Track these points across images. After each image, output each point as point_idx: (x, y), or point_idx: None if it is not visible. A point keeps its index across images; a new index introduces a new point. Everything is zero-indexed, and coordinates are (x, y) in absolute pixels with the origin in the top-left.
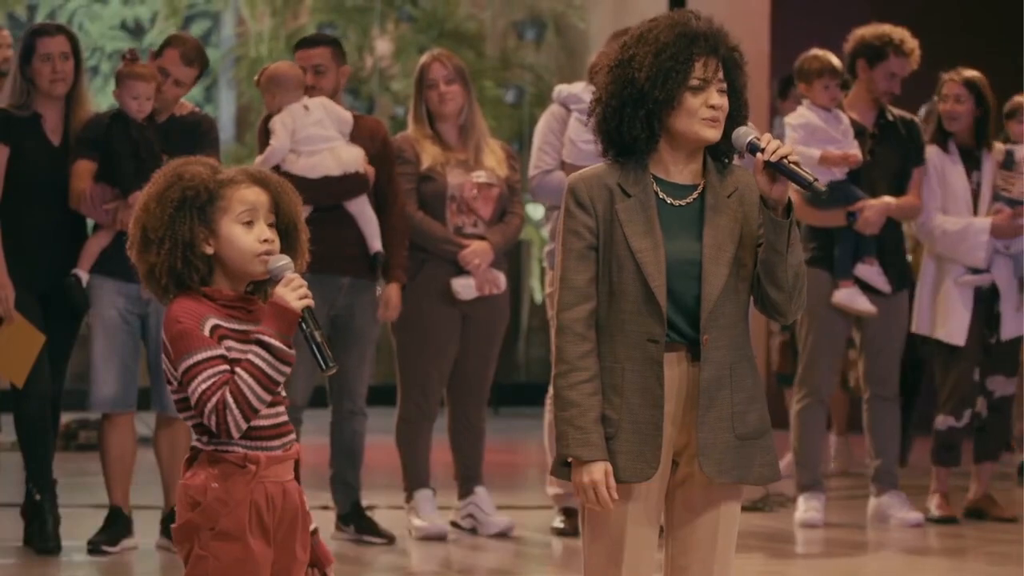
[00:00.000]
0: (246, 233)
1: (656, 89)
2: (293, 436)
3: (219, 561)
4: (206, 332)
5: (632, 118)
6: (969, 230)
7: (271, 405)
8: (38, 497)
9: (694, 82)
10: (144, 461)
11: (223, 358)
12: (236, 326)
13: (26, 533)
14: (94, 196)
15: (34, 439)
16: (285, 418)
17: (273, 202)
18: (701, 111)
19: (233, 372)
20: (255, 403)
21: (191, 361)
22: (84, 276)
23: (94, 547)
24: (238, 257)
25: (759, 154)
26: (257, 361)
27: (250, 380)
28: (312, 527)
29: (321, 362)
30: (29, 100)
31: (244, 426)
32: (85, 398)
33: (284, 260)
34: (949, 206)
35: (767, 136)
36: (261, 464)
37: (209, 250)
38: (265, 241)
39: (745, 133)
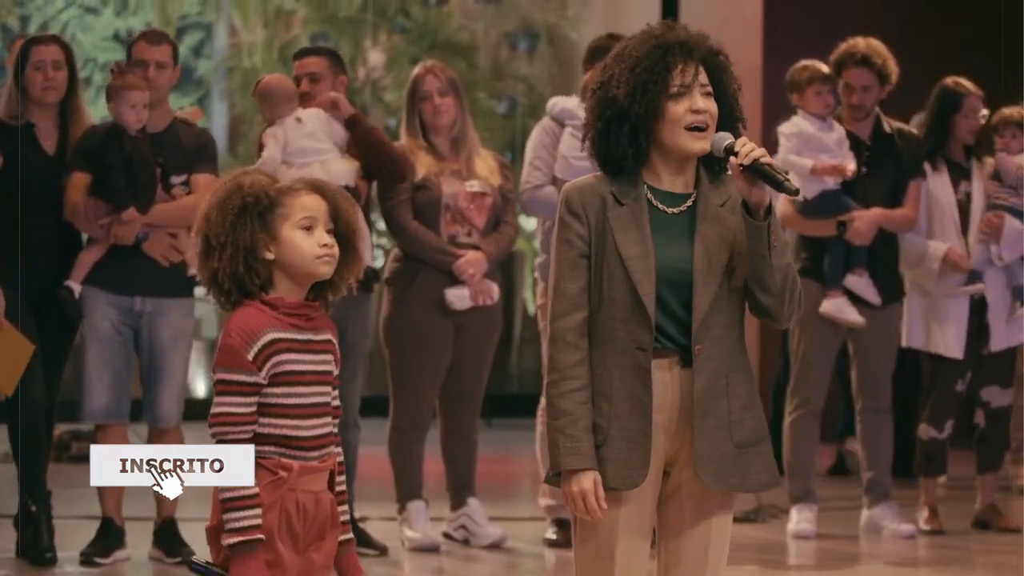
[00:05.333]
0: (306, 238)
1: (636, 103)
2: (332, 448)
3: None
4: (255, 351)
5: (618, 135)
6: (925, 256)
7: (316, 416)
8: (34, 508)
9: (673, 89)
10: None
11: (257, 386)
12: (296, 335)
13: (20, 544)
14: (88, 210)
15: (28, 449)
16: (329, 429)
17: (332, 210)
18: (685, 117)
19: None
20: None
21: (226, 377)
22: (77, 288)
23: (87, 558)
24: (299, 261)
25: (733, 158)
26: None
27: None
28: (347, 537)
29: None
30: (23, 110)
31: None
32: (78, 409)
33: None
34: (934, 217)
35: (742, 140)
36: (293, 472)
37: (270, 256)
38: (325, 246)
39: (722, 138)
